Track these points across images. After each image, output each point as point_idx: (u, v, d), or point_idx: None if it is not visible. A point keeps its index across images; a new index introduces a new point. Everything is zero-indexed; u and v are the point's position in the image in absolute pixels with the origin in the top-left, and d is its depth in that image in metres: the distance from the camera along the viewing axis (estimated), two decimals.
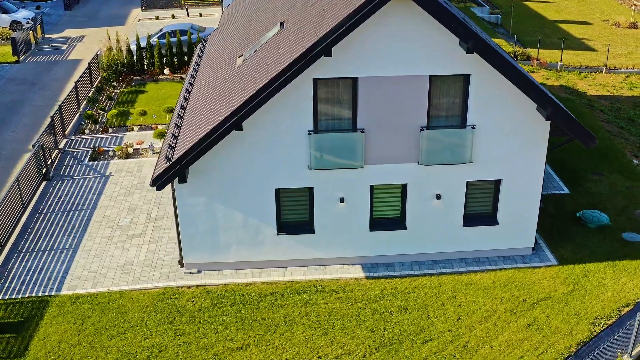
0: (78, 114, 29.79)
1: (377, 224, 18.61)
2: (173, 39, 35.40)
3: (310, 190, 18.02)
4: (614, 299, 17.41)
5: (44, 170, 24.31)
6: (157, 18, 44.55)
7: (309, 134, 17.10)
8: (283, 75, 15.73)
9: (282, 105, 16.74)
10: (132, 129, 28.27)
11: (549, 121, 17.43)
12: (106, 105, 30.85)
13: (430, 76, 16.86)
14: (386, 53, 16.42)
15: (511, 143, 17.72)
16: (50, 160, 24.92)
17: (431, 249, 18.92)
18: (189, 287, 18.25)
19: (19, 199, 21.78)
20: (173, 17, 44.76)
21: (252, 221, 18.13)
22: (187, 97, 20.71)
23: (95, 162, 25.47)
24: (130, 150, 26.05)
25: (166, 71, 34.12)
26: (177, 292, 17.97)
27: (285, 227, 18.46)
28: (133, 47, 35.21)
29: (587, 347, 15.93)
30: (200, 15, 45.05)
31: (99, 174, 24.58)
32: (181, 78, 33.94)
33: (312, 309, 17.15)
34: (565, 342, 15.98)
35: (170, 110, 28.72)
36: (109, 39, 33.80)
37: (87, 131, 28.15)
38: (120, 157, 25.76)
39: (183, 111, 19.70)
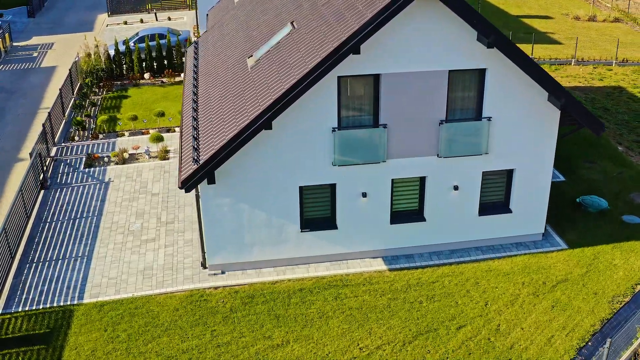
0: (64, 121, 29.25)
1: (397, 217, 19.06)
2: (151, 43, 35.08)
3: (333, 186, 18.32)
4: (627, 277, 18.31)
5: (42, 179, 23.85)
6: (125, 23, 43.92)
7: (333, 131, 17.39)
8: (313, 73, 15.98)
9: (307, 104, 16.98)
10: (123, 134, 27.95)
11: (559, 111, 18.21)
12: (91, 111, 30.36)
13: (449, 71, 17.40)
14: (408, 49, 16.86)
15: (524, 133, 18.42)
16: (45, 169, 24.46)
17: (449, 239, 19.47)
18: (215, 288, 18.29)
19: (23, 209, 21.35)
20: (142, 21, 44.21)
21: (276, 220, 18.30)
22: (195, 99, 20.69)
23: (91, 169, 25.11)
24: (126, 155, 25.77)
25: (147, 75, 33.81)
26: (205, 294, 17.99)
27: (309, 224, 18.70)
28: (111, 52, 34.71)
29: (609, 324, 16.74)
30: (169, 19, 44.65)
31: (98, 181, 24.25)
32: (162, 82, 33.68)
33: (343, 303, 17.45)
34: (589, 321, 16.75)
35: (162, 115, 28.51)
36: (87, 44, 33.27)
37: (76, 138, 27.67)
38: (116, 163, 25.45)
39: (195, 113, 19.69)
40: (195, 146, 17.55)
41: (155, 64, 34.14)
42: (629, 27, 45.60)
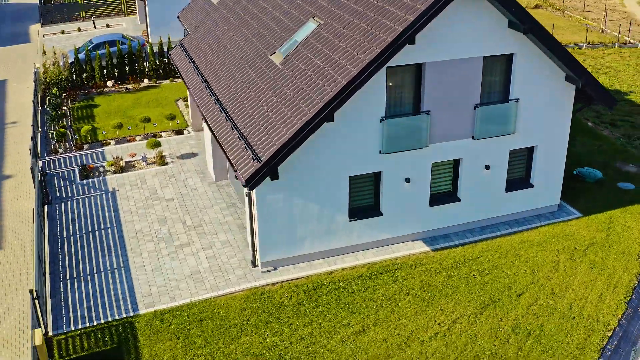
0: (39, 134, 27.88)
1: (435, 199, 19.94)
2: (103, 51, 34.04)
3: (378, 174, 18.91)
4: None
5: (44, 194, 22.79)
6: (62, 32, 42.06)
7: (382, 120, 17.98)
8: (372, 64, 16.48)
9: (358, 95, 17.46)
10: (109, 143, 27.09)
11: (574, 90, 19.76)
12: (64, 122, 29.09)
13: (484, 57, 18.46)
14: (449, 38, 17.74)
15: (544, 111, 19.82)
16: (44, 183, 23.36)
17: (480, 217, 20.59)
18: (274, 284, 18.39)
19: (40, 226, 20.38)
20: (79, 30, 42.51)
21: (326, 211, 18.66)
22: (217, 100, 20.55)
23: (89, 180, 24.24)
24: (122, 163, 25.03)
25: (110, 83, 32.76)
26: (265, 291, 18.07)
27: (356, 212, 19.20)
28: (70, 61, 33.32)
29: None
30: (108, 26, 43.22)
31: (101, 191, 23.46)
32: (127, 89, 32.75)
33: (403, 285, 18.12)
34: (627, 277, 18.37)
35: (147, 120, 27.84)
36: (44, 53, 31.81)
37: (60, 150, 26.50)
38: (114, 172, 24.70)
39: (225, 113, 19.60)
40: (248, 144, 17.55)
41: (116, 71, 33.15)
42: (549, 12, 49.00)
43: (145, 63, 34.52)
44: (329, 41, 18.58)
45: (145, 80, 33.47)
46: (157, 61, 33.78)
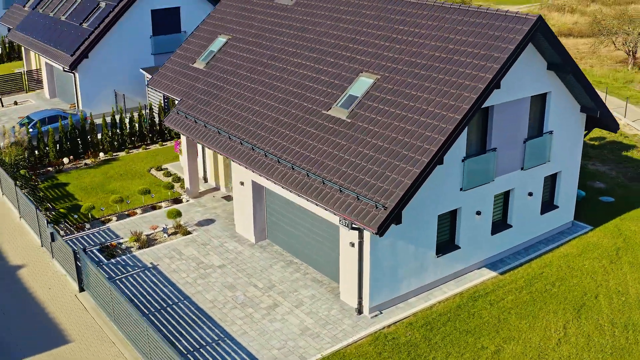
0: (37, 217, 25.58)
1: (495, 227, 22.00)
2: (45, 128, 32.06)
3: (457, 210, 20.58)
4: None
5: (77, 281, 21.26)
6: None
7: (463, 160, 19.79)
8: (471, 110, 18.31)
9: None
10: (109, 220, 25.69)
11: (585, 118, 23.21)
12: (47, 204, 26.88)
13: (531, 96, 21.16)
14: (510, 82, 20.17)
15: (566, 139, 22.96)
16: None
17: (524, 239, 23.01)
18: (389, 326, 19.08)
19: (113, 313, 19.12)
20: None
21: (420, 250, 19.87)
22: (278, 159, 20.94)
23: (118, 259, 22.92)
24: (144, 237, 23.98)
25: (66, 160, 30.85)
26: (388, 334, 18.71)
27: (441, 248, 20.61)
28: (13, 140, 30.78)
29: None
30: (16, 103, 40.18)
31: (139, 268, 22.34)
32: (86, 164, 31.05)
33: (500, 306, 19.80)
34: None
35: (146, 192, 26.81)
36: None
37: (61, 233, 24.60)
38: (140, 247, 23.59)
39: (302, 170, 20.10)
40: (363, 194, 18.24)
41: (69, 146, 31.30)
42: None
43: (98, 135, 32.94)
44: (402, 93, 20.07)
45: (101, 154, 31.94)
46: (110, 133, 32.45)
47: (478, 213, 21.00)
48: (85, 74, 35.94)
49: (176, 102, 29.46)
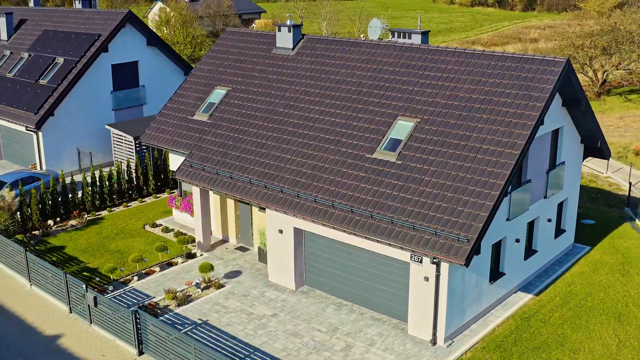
0: (31, 285, 23.98)
1: (526, 253, 23.77)
2: (28, 187, 30.35)
3: (503, 239, 22.14)
4: None
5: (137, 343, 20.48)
6: None
7: (509, 193, 21.47)
8: (527, 144, 20.09)
9: None
10: (130, 280, 24.75)
11: (583, 147, 25.88)
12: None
13: (552, 131, 23.41)
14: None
15: (572, 168, 25.44)
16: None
17: (543, 262, 25.01)
18: (465, 353, 20.05)
19: None
20: None
21: (480, 279, 21.14)
22: (333, 204, 21.54)
23: (159, 318, 22.18)
24: (180, 295, 23.39)
25: (51, 222, 29.26)
26: (467, 359, 19.70)
27: (493, 275, 21.99)
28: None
29: None
30: None
31: (189, 325, 21.79)
32: (72, 226, 29.59)
33: (551, 323, 21.44)
34: None
35: (163, 249, 26.07)
36: None
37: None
38: (179, 304, 22.99)
39: (364, 214, 20.84)
40: (439, 230, 19.27)
41: (51, 208, 29.73)
42: None
43: (78, 195, 31.45)
44: (449, 134, 21.50)
45: (84, 216, 30.54)
46: (90, 192, 31.17)
47: (517, 241, 22.70)
48: (49, 132, 34.33)
49: (170, 153, 29.12)
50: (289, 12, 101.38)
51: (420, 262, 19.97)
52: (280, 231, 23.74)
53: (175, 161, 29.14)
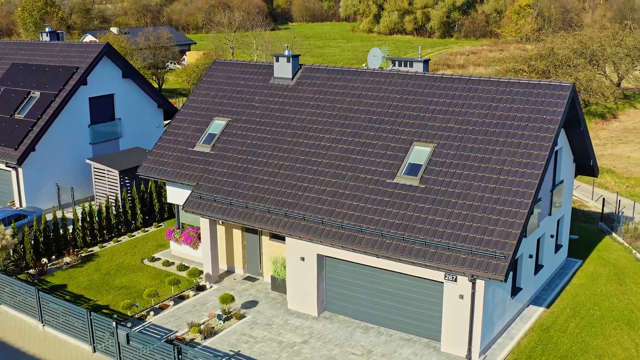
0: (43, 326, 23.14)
1: (535, 268, 24.97)
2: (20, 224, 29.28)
3: (520, 255, 23.24)
4: (633, 257, 28.60)
5: None
6: None
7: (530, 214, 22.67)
8: (547, 164, 21.35)
9: None
10: (147, 315, 24.29)
11: (574, 165, 27.57)
12: None
13: (555, 151, 24.88)
14: None
15: (568, 186, 27.00)
16: None
17: (547, 275, 26.31)
18: None
19: None
20: None
21: (504, 294, 22.09)
22: (361, 229, 22.06)
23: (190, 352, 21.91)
24: (204, 327, 23.17)
25: (45, 260, 28.29)
26: None
27: (513, 291, 22.99)
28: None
29: None
30: None
31: (222, 357, 21.62)
32: (67, 264, 28.70)
33: (569, 332, 22.65)
34: None
35: (176, 282, 25.68)
36: None
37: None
38: (206, 337, 22.77)
39: (392, 237, 21.47)
40: (474, 249, 20.12)
41: (44, 246, 28.76)
42: None
43: (72, 233, 30.46)
44: (468, 157, 22.50)
45: (76, 255, 29.63)
46: (81, 228, 30.35)
47: (530, 256, 23.88)
48: (29, 168, 33.21)
49: (168, 186, 28.87)
50: (220, 42, 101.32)
51: (455, 280, 20.72)
52: (302, 258, 23.97)
53: (173, 194, 28.89)
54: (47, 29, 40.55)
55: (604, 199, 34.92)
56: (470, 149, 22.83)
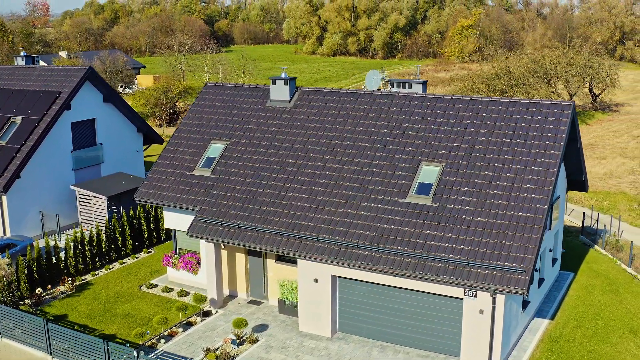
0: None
1: (540, 280, 25.73)
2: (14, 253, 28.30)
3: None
4: (623, 270, 29.74)
5: None
6: None
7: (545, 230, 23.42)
8: (555, 179, 22.18)
9: None
10: (157, 343, 23.85)
11: (566, 180, 28.63)
12: None
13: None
14: None
15: (562, 201, 27.99)
16: None
17: (547, 287, 27.13)
18: None
19: None
20: None
21: (517, 308, 22.70)
22: (377, 249, 22.36)
23: None
24: (220, 353, 22.92)
25: (39, 290, 27.42)
26: None
27: (523, 304, 23.64)
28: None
29: None
30: None
31: None
32: (62, 293, 27.90)
33: (578, 341, 23.39)
34: None
35: (184, 309, 25.28)
36: None
37: None
38: None
39: (417, 256, 21.85)
40: (495, 264, 20.66)
41: (37, 275, 27.88)
42: None
43: (64, 260, 29.58)
44: (478, 175, 23.14)
45: (68, 283, 28.84)
46: (74, 255, 29.57)
47: (536, 270, 24.62)
48: (14, 195, 32.20)
49: (165, 211, 28.52)
50: (171, 66, 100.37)
51: (475, 296, 21.18)
52: (316, 280, 24.01)
53: (171, 219, 28.54)
54: (22, 53, 39.54)
55: (584, 213, 36.27)
56: (479, 168, 23.48)
